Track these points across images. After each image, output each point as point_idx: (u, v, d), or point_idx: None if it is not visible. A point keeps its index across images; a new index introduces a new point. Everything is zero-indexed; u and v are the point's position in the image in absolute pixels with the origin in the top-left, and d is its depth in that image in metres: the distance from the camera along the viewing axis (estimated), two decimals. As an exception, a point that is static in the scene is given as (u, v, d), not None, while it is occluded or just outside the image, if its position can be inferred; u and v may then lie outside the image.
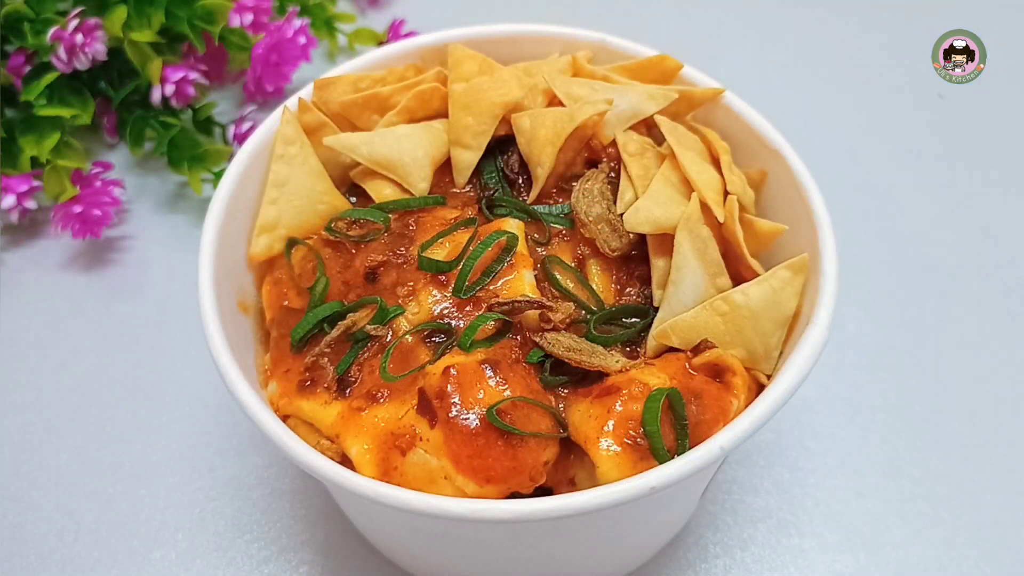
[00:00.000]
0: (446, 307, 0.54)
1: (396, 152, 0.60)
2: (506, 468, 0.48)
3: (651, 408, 0.49)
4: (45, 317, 0.83)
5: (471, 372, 0.49)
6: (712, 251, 0.55)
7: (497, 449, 0.47)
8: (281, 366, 0.55)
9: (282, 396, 0.54)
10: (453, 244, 0.56)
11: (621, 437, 0.48)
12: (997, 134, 0.97)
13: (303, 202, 0.60)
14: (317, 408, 0.52)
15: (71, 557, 0.67)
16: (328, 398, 0.53)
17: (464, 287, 0.53)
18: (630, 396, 0.50)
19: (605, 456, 0.48)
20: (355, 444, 0.50)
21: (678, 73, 0.65)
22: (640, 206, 0.55)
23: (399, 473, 0.49)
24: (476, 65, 0.64)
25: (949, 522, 0.69)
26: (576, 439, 0.50)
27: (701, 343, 0.53)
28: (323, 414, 0.52)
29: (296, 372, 0.54)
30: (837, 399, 0.76)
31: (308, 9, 1.04)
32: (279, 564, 0.67)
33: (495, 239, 0.54)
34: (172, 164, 0.90)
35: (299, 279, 0.58)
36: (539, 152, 0.58)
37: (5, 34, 0.89)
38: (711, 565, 0.67)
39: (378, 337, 0.53)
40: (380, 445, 0.50)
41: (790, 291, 0.54)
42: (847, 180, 0.91)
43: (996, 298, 0.83)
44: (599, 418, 0.49)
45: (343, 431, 0.51)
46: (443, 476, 0.48)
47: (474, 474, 0.47)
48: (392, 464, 0.49)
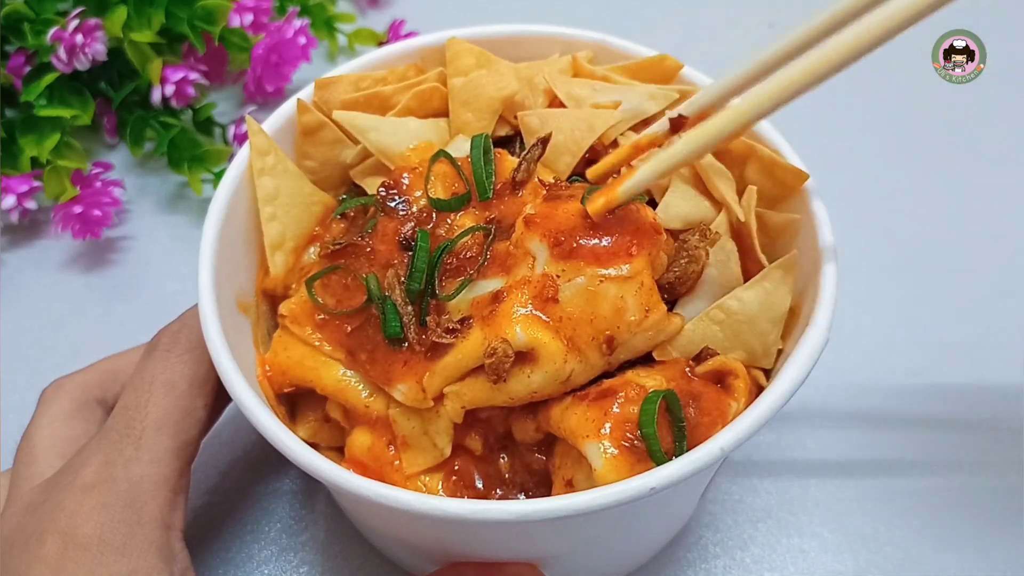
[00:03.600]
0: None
1: (404, 143, 0.60)
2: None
3: (647, 410, 0.49)
4: (45, 317, 0.83)
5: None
6: (734, 265, 0.55)
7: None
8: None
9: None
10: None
11: (618, 440, 0.48)
12: (998, 134, 0.98)
13: (299, 209, 0.59)
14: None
15: (71, 557, 0.67)
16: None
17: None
18: (627, 399, 0.49)
19: (602, 459, 0.48)
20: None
21: (679, 73, 0.65)
22: (669, 202, 0.55)
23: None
24: (474, 59, 0.64)
25: (949, 522, 0.69)
26: (573, 442, 0.50)
27: (703, 351, 0.53)
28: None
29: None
30: (837, 399, 0.76)
31: (308, 9, 1.04)
32: (279, 564, 0.67)
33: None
34: (172, 164, 0.90)
35: (337, 304, 0.56)
36: (556, 159, 0.58)
37: (5, 34, 0.89)
38: (711, 565, 0.67)
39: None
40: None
41: (784, 289, 0.54)
42: (847, 180, 0.91)
43: (997, 298, 0.83)
44: (596, 421, 0.49)
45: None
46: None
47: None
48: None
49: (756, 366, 0.55)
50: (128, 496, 0.51)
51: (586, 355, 0.50)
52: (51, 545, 0.50)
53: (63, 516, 0.50)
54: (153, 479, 0.52)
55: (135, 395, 0.54)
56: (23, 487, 0.55)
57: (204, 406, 0.56)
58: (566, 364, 0.49)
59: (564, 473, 0.52)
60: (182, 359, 0.55)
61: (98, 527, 0.50)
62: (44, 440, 0.57)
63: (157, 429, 0.53)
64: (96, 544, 0.49)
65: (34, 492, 0.54)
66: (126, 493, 0.51)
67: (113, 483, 0.51)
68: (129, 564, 0.50)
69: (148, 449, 0.53)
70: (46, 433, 0.57)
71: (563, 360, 0.49)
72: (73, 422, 0.58)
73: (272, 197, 0.59)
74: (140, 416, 0.53)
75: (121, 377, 0.60)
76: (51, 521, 0.50)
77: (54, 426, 0.57)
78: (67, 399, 0.59)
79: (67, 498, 0.51)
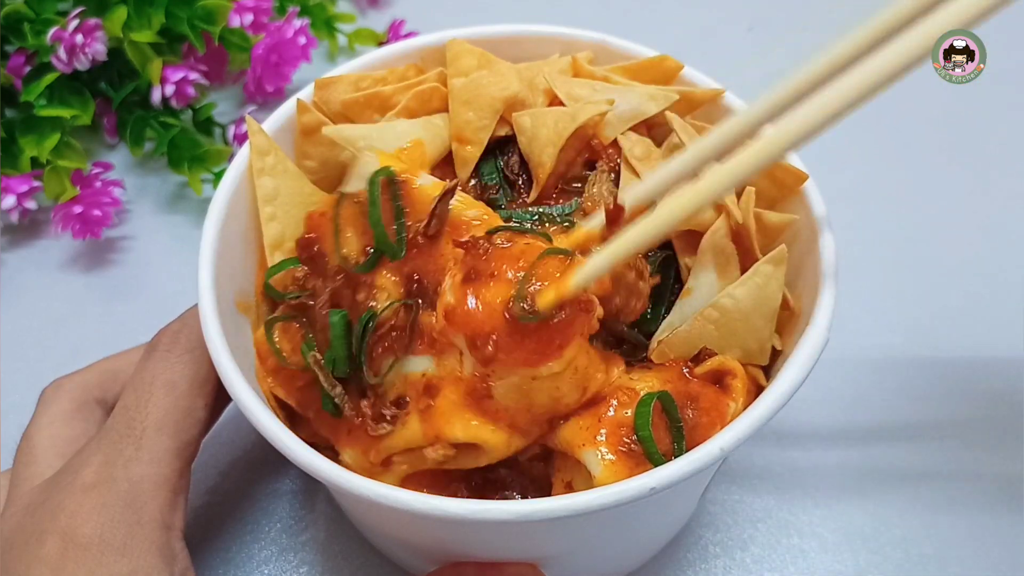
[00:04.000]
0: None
1: (394, 145, 0.60)
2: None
3: (642, 413, 0.49)
4: (45, 317, 0.83)
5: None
6: (733, 268, 0.55)
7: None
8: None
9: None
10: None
11: (615, 445, 0.48)
12: (998, 134, 0.98)
13: (299, 209, 0.59)
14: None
15: (71, 557, 0.67)
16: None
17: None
18: (620, 403, 0.50)
19: (600, 465, 0.48)
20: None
21: (679, 74, 0.65)
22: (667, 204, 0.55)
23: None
24: (475, 59, 0.64)
25: (950, 523, 0.69)
26: (571, 453, 0.50)
27: (702, 351, 0.53)
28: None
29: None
30: (837, 399, 0.76)
31: (308, 9, 1.04)
32: (279, 564, 0.67)
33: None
34: (172, 164, 0.90)
35: (291, 352, 0.54)
36: (540, 152, 0.58)
37: (5, 34, 0.89)
38: (711, 565, 0.67)
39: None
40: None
41: (775, 284, 0.54)
42: (847, 180, 0.91)
43: (997, 298, 0.83)
44: (590, 428, 0.49)
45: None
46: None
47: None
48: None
49: (752, 363, 0.55)
50: (128, 496, 0.51)
51: (531, 431, 0.50)
52: (51, 545, 0.50)
53: (63, 516, 0.50)
54: (153, 479, 0.52)
55: (135, 395, 0.54)
56: (23, 487, 0.55)
57: (204, 406, 0.56)
58: (510, 446, 0.50)
59: (563, 476, 0.52)
60: (182, 359, 0.55)
61: (98, 527, 0.50)
62: (44, 440, 0.57)
63: (157, 429, 0.53)
64: (96, 544, 0.49)
65: (34, 492, 0.54)
66: (126, 493, 0.51)
67: (113, 483, 0.51)
68: (129, 564, 0.50)
69: (148, 449, 0.53)
70: (46, 433, 0.57)
71: (507, 445, 0.50)
72: (73, 422, 0.58)
73: (272, 197, 0.59)
74: (140, 416, 0.53)
75: (120, 377, 0.60)
76: (51, 521, 0.50)
77: (54, 426, 0.57)
78: (67, 399, 0.59)
79: (67, 498, 0.51)
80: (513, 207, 0.59)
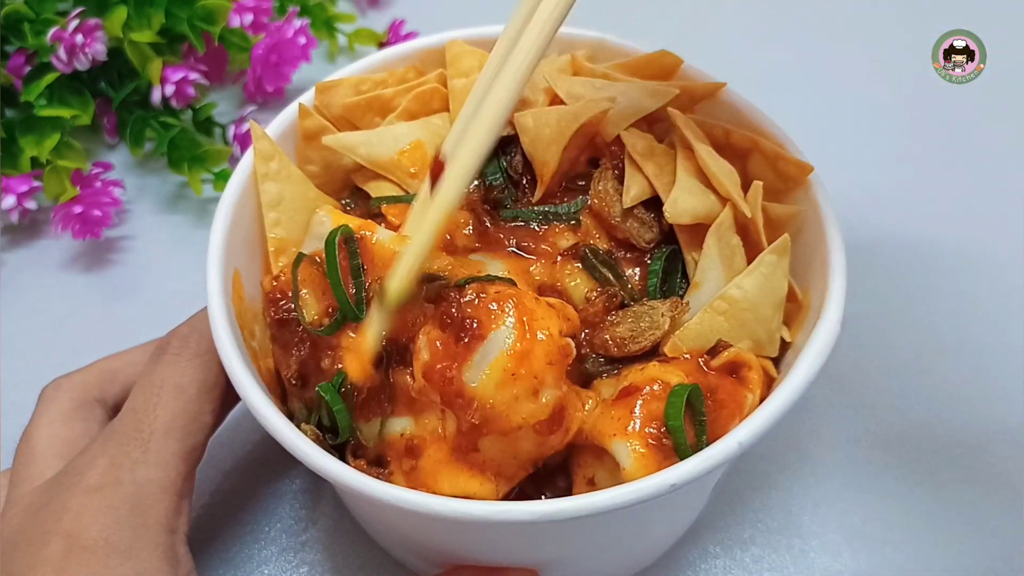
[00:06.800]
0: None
1: (394, 149, 0.60)
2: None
3: (674, 403, 0.48)
4: (45, 317, 0.83)
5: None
6: (739, 261, 0.55)
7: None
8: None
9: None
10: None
11: (645, 438, 0.48)
12: (998, 134, 0.97)
13: (303, 214, 0.59)
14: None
15: (72, 557, 0.67)
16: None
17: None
18: (652, 395, 0.49)
19: (631, 457, 0.48)
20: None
21: (678, 69, 0.65)
22: (677, 198, 0.55)
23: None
24: (475, 60, 0.64)
25: (950, 523, 0.69)
26: (599, 442, 0.49)
27: (718, 343, 0.53)
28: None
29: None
30: (837, 399, 0.76)
31: (308, 9, 1.04)
32: (279, 564, 0.67)
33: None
34: (172, 164, 0.90)
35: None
36: (543, 151, 0.58)
37: (5, 34, 0.89)
38: (711, 565, 0.67)
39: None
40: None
41: (780, 273, 0.54)
42: (847, 180, 0.91)
43: (998, 299, 0.83)
44: (622, 419, 0.49)
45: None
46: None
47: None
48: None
49: (762, 355, 0.55)
50: (134, 499, 0.51)
51: (518, 475, 0.50)
52: (55, 547, 0.49)
53: (68, 518, 0.50)
54: (160, 483, 0.52)
55: (144, 398, 0.54)
56: (23, 487, 0.55)
57: (211, 411, 0.56)
58: (498, 494, 0.50)
59: (585, 472, 0.52)
60: (192, 363, 0.55)
61: (104, 529, 0.50)
62: (44, 440, 0.57)
63: (165, 433, 0.53)
64: (101, 546, 0.49)
65: (36, 493, 0.54)
66: (132, 496, 0.51)
67: (119, 486, 0.51)
68: (134, 567, 0.50)
69: (156, 452, 0.53)
70: (45, 433, 0.57)
71: (496, 492, 0.50)
72: (72, 422, 0.58)
73: (276, 202, 0.59)
74: (148, 419, 0.53)
75: (120, 377, 0.60)
76: (55, 522, 0.50)
77: (53, 426, 0.57)
78: (66, 399, 0.59)
79: (72, 500, 0.51)
80: (519, 207, 0.60)
